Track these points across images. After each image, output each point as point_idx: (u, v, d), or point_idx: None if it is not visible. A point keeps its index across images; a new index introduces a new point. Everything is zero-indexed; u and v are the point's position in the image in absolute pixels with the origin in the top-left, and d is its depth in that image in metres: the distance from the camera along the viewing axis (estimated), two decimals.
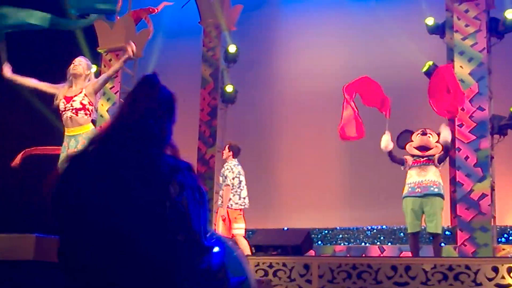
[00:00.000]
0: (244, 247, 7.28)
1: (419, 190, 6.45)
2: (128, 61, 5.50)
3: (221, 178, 8.03)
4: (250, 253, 6.99)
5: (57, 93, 5.02)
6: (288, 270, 6.05)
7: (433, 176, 6.46)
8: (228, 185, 7.73)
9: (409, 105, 9.87)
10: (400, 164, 6.83)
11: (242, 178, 7.85)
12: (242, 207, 7.77)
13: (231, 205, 7.71)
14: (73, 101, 4.91)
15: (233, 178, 7.74)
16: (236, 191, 7.74)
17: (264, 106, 11.73)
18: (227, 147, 8.23)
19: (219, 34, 11.79)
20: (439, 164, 6.61)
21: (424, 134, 6.59)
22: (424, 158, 6.53)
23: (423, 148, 6.55)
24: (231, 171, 7.81)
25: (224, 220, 7.69)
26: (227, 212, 7.70)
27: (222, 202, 7.79)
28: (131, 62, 12.29)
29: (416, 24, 10.09)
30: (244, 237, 7.73)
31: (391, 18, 10.76)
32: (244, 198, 7.77)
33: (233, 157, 7.99)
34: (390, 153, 6.84)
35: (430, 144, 6.55)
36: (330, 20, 11.43)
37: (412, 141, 6.63)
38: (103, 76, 5.26)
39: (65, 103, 4.92)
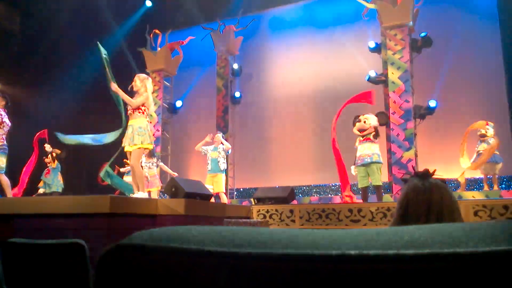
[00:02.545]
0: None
1: (368, 160, 6.48)
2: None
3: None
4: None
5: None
6: (279, 214, 6.10)
7: (371, 150, 6.47)
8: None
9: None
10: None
11: None
12: None
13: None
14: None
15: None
16: None
17: (259, 105, 11.69)
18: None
19: (228, 57, 11.75)
20: (375, 139, 6.60)
21: (359, 121, 6.61)
22: (365, 137, 6.54)
23: (361, 130, 6.59)
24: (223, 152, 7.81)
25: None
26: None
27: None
28: (169, 78, 12.29)
29: (361, 45, 10.05)
30: None
31: (344, 41, 10.72)
32: None
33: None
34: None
35: (365, 127, 6.58)
36: (302, 43, 11.36)
37: (355, 125, 6.67)
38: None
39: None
